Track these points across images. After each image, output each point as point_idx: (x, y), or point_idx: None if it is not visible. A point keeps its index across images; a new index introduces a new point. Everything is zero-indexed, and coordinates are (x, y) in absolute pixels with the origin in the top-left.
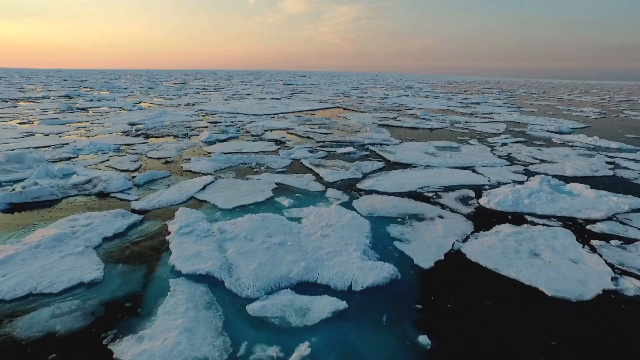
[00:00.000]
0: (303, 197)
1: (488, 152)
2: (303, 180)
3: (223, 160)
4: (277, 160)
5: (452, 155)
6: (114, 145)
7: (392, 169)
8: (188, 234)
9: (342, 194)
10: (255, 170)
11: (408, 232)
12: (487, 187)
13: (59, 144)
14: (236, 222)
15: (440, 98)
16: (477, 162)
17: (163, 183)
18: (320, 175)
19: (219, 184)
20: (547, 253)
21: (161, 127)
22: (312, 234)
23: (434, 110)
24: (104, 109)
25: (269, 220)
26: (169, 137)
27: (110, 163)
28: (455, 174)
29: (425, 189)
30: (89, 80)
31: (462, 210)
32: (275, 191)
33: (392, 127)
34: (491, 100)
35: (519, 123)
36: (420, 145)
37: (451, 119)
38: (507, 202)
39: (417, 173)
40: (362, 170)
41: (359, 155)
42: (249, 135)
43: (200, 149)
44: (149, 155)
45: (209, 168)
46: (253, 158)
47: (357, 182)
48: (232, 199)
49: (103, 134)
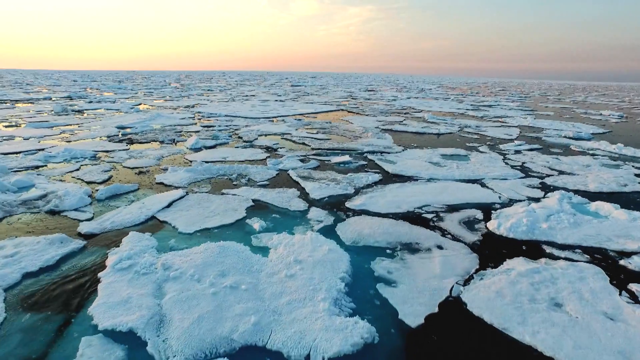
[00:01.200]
0: (280, 218)
1: (499, 161)
2: (285, 197)
3: (202, 171)
4: (261, 172)
5: (459, 165)
6: (90, 152)
7: (390, 182)
8: (126, 269)
9: (327, 214)
10: (234, 183)
11: (397, 269)
12: (498, 206)
13: (33, 150)
14: (189, 253)
15: (451, 100)
16: (487, 174)
17: (127, 198)
18: (306, 191)
19: (189, 200)
20: (573, 303)
21: (150, 131)
22: (275, 273)
23: (443, 114)
24: (100, 111)
25: (228, 252)
26: (154, 143)
27: (79, 173)
28: (461, 189)
29: (424, 209)
30: (100, 80)
31: (466, 238)
32: (249, 210)
33: (396, 133)
34: (504, 103)
35: (534, 128)
36: (424, 154)
37: (460, 122)
38: (520, 227)
39: (418, 188)
40: (354, 184)
41: (354, 165)
42: (241, 141)
43: (182, 157)
44: (125, 164)
45: (184, 180)
46: (236, 168)
47: (347, 199)
48: (197, 220)
49: (86, 139)
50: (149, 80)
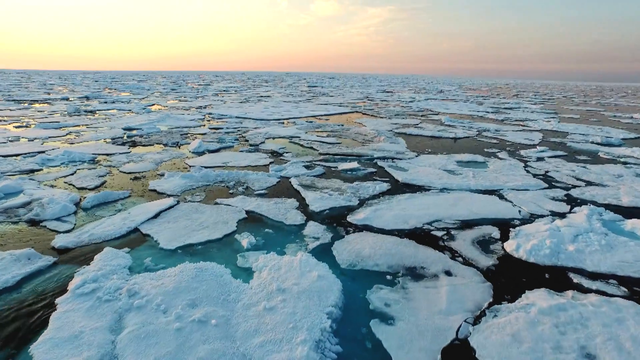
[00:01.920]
0: (272, 233)
1: (520, 169)
2: (282, 208)
3: (198, 178)
4: (261, 179)
5: (475, 173)
6: (89, 156)
7: (398, 192)
8: (87, 295)
9: (325, 230)
10: (231, 191)
11: (396, 300)
12: (517, 222)
13: (34, 153)
14: (162, 275)
15: (470, 102)
16: (506, 184)
17: (115, 207)
18: (306, 201)
19: (178, 210)
20: (610, 355)
21: (156, 133)
22: (253, 305)
23: (461, 116)
24: (112, 111)
25: (205, 276)
26: (157, 146)
27: (73, 178)
28: (477, 202)
29: (434, 225)
30: (120, 80)
31: (479, 262)
32: (241, 223)
33: (410, 136)
34: (525, 105)
35: (558, 132)
36: (438, 160)
37: (479, 126)
38: (543, 250)
39: (429, 199)
40: (360, 195)
41: (362, 173)
42: (246, 144)
43: (182, 162)
44: (122, 168)
45: (178, 187)
46: (235, 175)
47: (349, 212)
48: (182, 234)
49: (90, 141)
50: (168, 80)
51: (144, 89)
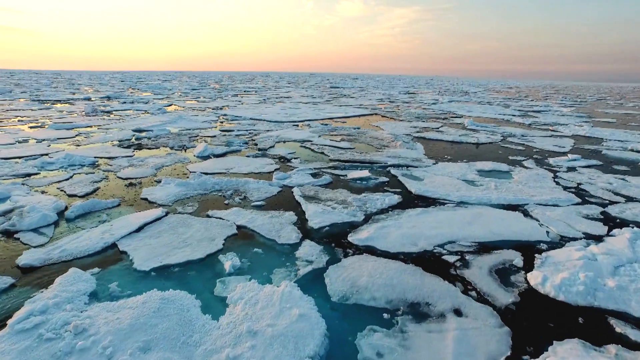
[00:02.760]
0: (261, 254)
1: (549, 180)
2: (277, 224)
3: (195, 185)
4: (262, 188)
5: (497, 184)
6: (91, 159)
7: (410, 205)
8: (28, 331)
9: (321, 251)
10: (226, 202)
11: (391, 349)
12: (544, 247)
13: (36, 155)
14: (121, 307)
15: (496, 104)
16: (532, 198)
17: (100, 218)
18: (305, 216)
19: (164, 223)
20: None
21: (165, 135)
22: (215, 352)
23: (485, 120)
24: (128, 112)
25: (169, 310)
26: (162, 149)
27: (66, 184)
28: (498, 219)
29: (447, 247)
30: (146, 80)
31: (496, 298)
32: (229, 241)
33: (430, 141)
34: (555, 108)
35: (591, 138)
36: (457, 168)
37: (504, 130)
38: (575, 286)
39: (443, 215)
40: (366, 209)
41: (373, 182)
42: (255, 148)
43: (184, 167)
44: (120, 173)
45: (171, 196)
46: (234, 183)
47: (352, 229)
48: (162, 251)
49: (96, 143)
50: (191, 81)
51: (166, 89)
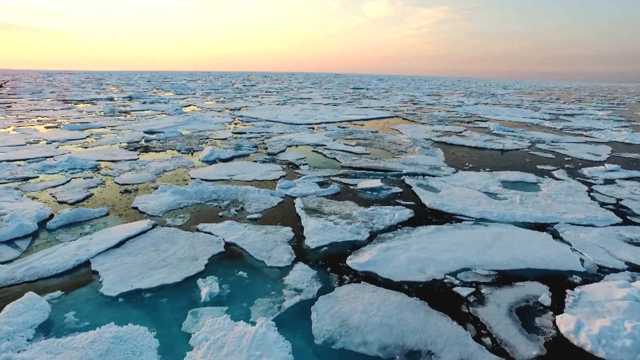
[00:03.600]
0: (245, 280)
1: (583, 194)
2: (270, 241)
3: (191, 194)
4: (262, 198)
5: (523, 198)
6: (93, 163)
7: (422, 222)
8: None
9: (314, 277)
10: (221, 213)
11: None
12: (578, 280)
13: (41, 157)
14: (67, 346)
15: (525, 107)
16: (564, 215)
17: (82, 229)
18: (304, 232)
19: (148, 238)
20: None
21: (175, 137)
22: None
23: (512, 124)
24: (146, 112)
25: (117, 353)
26: (169, 152)
27: (60, 189)
28: (522, 242)
29: (460, 277)
30: (172, 80)
31: (516, 349)
32: (213, 261)
33: (451, 147)
34: (590, 111)
35: (632, 145)
36: (479, 178)
37: (533, 136)
38: (620, 339)
39: (459, 235)
40: (373, 225)
41: (384, 193)
42: (264, 152)
43: (186, 172)
44: (118, 178)
45: (164, 206)
46: (233, 192)
47: (354, 249)
48: (136, 272)
49: (104, 145)
50: (217, 81)
51: (189, 89)
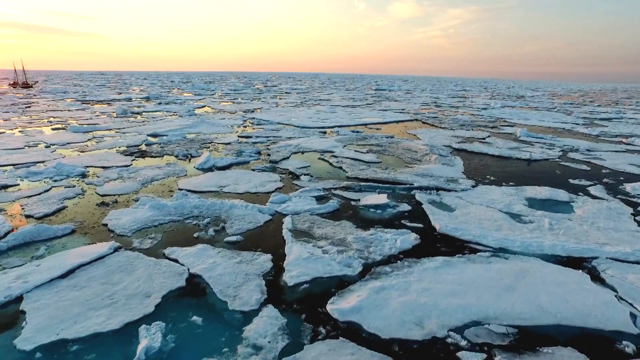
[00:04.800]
0: (197, 329)
1: (626, 218)
2: (242, 274)
3: (171, 209)
4: (248, 215)
5: (553, 222)
6: (81, 170)
7: (429, 251)
8: None
9: (281, 330)
10: (197, 234)
11: None
12: (629, 348)
13: (30, 163)
14: None
15: (556, 111)
16: (604, 248)
17: (36, 251)
18: (284, 263)
19: (103, 266)
20: None
21: (178, 141)
22: None
23: (542, 129)
24: (158, 113)
25: None
26: (166, 157)
27: (32, 200)
28: (552, 284)
29: (469, 334)
30: (194, 81)
31: None
32: (167, 300)
33: (471, 155)
34: (629, 115)
35: None
36: (502, 195)
37: (565, 143)
38: None
39: (472, 272)
40: (368, 255)
41: (389, 212)
42: (266, 160)
43: (174, 182)
44: (101, 188)
45: (137, 223)
46: (218, 207)
47: (340, 288)
48: (69, 315)
49: (102, 149)
50: (239, 81)
51: (208, 90)
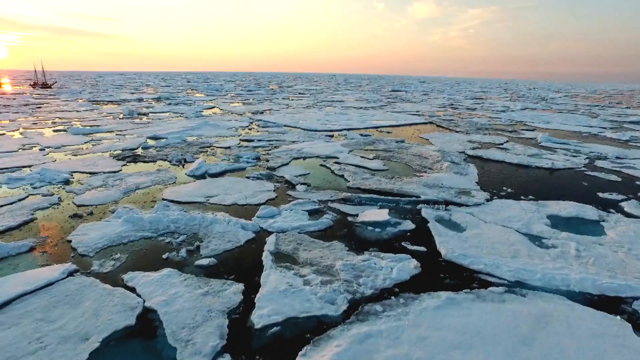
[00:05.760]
0: None
1: None
2: (204, 310)
3: (146, 224)
4: (228, 233)
5: (581, 247)
6: (64, 176)
7: (429, 285)
8: None
9: None
10: (167, 255)
11: None
12: None
13: (15, 167)
14: None
15: (580, 113)
16: None
17: None
18: (256, 296)
19: (46, 296)
20: None
21: (176, 144)
22: None
23: (565, 134)
24: (164, 114)
25: None
26: (159, 162)
27: (5, 210)
28: (583, 335)
29: None
30: (213, 81)
31: None
32: (107, 345)
33: (487, 163)
34: None
35: None
36: (520, 211)
37: (591, 149)
38: None
39: (481, 316)
40: (357, 287)
41: (389, 231)
42: (264, 166)
43: (160, 191)
44: (78, 198)
45: (104, 240)
46: (197, 222)
47: (316, 334)
48: None
49: (96, 153)
50: (256, 82)
51: (223, 90)
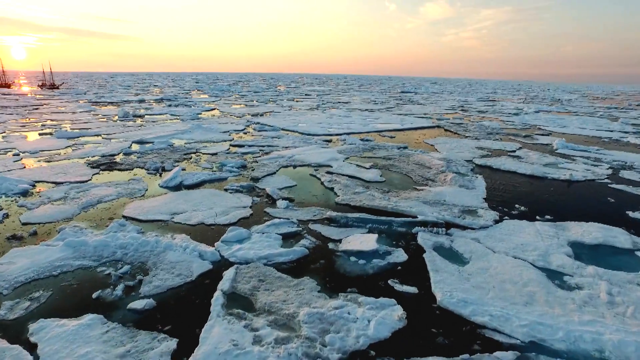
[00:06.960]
0: None
1: None
2: None
3: (89, 250)
4: (182, 263)
5: (614, 288)
6: (25, 186)
7: (417, 346)
8: None
9: None
10: (97, 293)
11: None
12: None
13: None
14: None
15: (598, 116)
16: None
17: None
18: (191, 358)
19: None
20: None
21: (160, 150)
22: None
23: (584, 139)
24: (160, 116)
25: None
26: (136, 170)
27: None
28: None
29: None
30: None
31: None
32: None
33: (497, 174)
34: None
35: None
36: (535, 237)
37: (614, 157)
38: None
39: None
40: (320, 351)
41: (374, 264)
42: (247, 176)
43: (123, 206)
44: (26, 214)
45: (31, 271)
46: (149, 249)
47: None
48: None
49: (71, 159)
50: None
51: (227, 92)
